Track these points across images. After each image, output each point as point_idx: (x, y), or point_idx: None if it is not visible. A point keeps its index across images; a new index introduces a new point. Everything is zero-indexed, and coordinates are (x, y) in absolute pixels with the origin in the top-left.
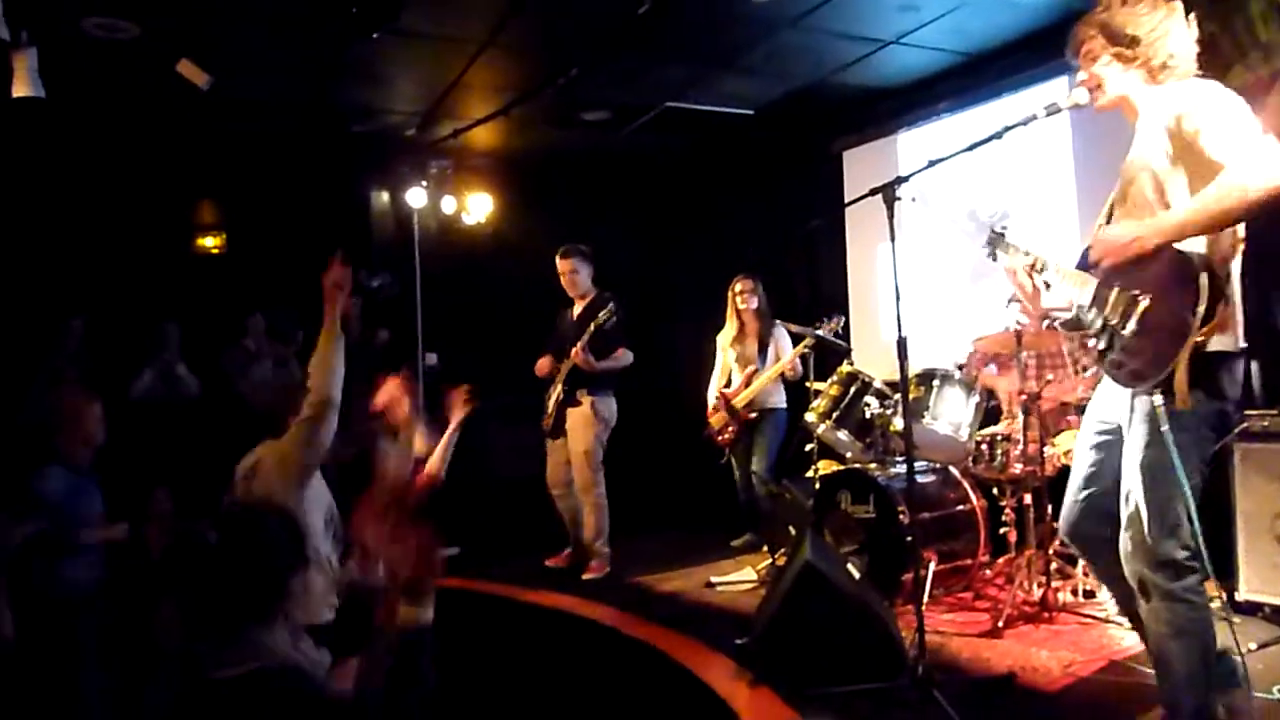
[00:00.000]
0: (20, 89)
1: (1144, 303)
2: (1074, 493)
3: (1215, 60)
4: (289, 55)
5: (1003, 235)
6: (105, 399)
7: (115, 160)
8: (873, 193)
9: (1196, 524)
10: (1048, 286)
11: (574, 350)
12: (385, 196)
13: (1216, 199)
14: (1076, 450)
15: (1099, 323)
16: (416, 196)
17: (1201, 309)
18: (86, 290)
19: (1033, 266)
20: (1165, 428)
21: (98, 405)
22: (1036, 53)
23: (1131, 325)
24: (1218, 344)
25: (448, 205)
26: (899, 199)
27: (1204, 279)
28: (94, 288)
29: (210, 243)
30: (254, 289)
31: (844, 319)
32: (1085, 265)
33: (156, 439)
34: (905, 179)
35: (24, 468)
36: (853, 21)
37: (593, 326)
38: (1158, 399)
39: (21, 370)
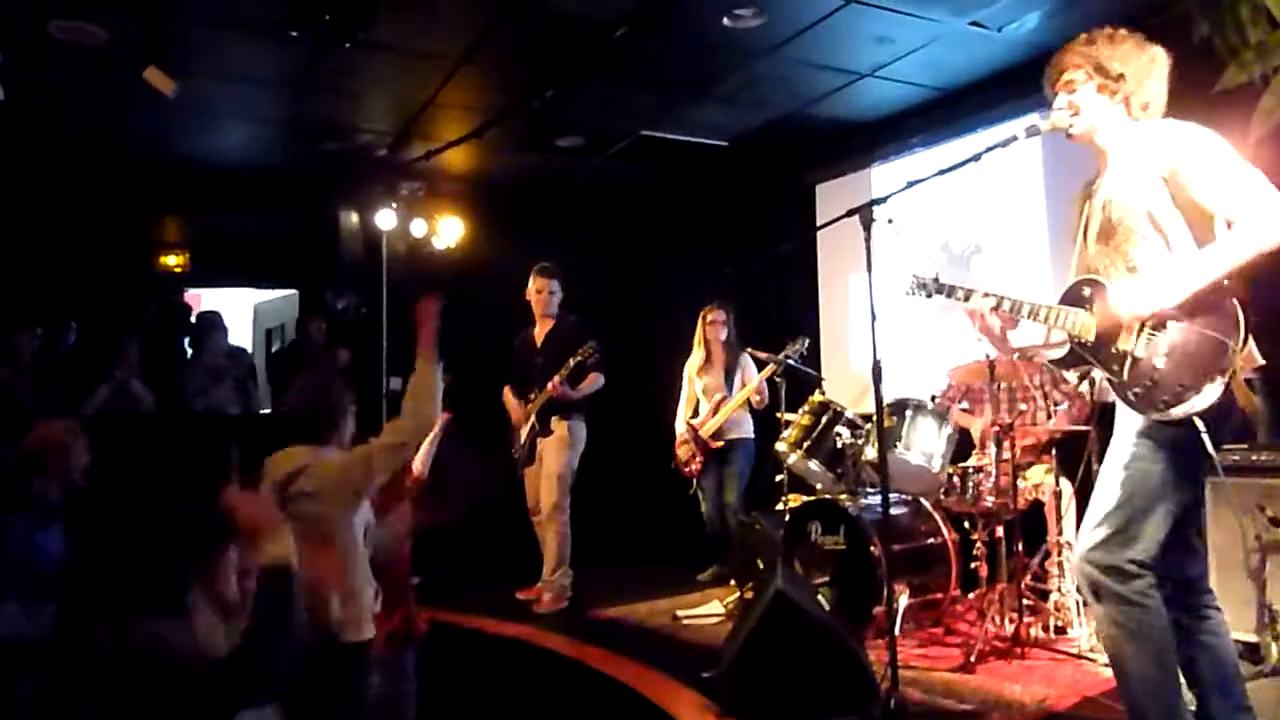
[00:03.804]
0: None
1: (1176, 332)
2: None
3: (1209, 61)
4: (260, 68)
5: (936, 281)
6: (58, 413)
7: (77, 171)
8: (849, 214)
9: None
10: (1015, 325)
11: (551, 384)
12: (354, 217)
13: (1232, 253)
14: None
15: (1114, 353)
16: (386, 218)
17: (1240, 335)
18: (44, 303)
19: (997, 308)
20: (1212, 453)
21: (84, 439)
22: (1010, 88)
23: (1162, 354)
24: (1243, 371)
25: (418, 228)
26: (874, 220)
27: (1238, 308)
28: (52, 302)
29: (173, 261)
30: (216, 308)
31: (808, 340)
32: (1073, 300)
33: (107, 455)
34: (882, 200)
35: None
36: (828, 52)
37: (572, 363)
38: (1199, 424)
39: None
